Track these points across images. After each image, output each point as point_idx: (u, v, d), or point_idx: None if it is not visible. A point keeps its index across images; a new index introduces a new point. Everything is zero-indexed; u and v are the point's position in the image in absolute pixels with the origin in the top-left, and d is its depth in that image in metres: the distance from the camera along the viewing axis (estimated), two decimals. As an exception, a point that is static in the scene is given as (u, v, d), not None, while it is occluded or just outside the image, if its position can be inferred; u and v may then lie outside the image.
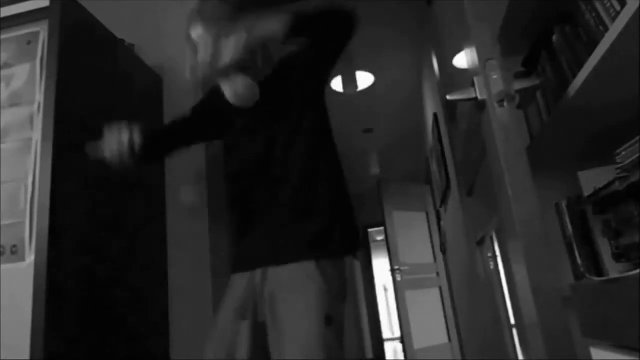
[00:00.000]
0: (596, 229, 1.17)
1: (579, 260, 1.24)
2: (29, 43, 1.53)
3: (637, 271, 0.80)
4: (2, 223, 1.38)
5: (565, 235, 1.31)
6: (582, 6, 1.01)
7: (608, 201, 1.05)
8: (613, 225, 1.06)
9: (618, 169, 0.96)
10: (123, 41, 1.95)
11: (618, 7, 0.86)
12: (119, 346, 1.55)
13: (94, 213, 1.54)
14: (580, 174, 1.19)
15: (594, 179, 1.14)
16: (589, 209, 1.19)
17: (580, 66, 0.99)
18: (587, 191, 1.16)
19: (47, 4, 1.53)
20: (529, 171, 1.05)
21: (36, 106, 1.46)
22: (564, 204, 1.31)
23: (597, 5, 0.94)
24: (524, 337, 1.86)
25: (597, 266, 1.17)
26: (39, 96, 1.47)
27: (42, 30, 1.53)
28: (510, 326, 2.32)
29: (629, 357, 0.85)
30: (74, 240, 1.42)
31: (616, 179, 0.98)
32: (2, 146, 1.45)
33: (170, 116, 2.05)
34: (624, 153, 0.94)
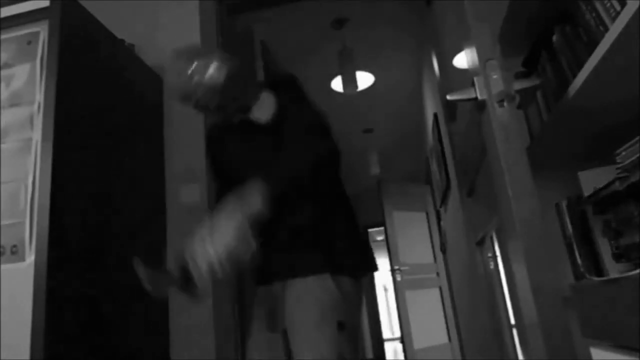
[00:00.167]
0: (596, 229, 1.17)
1: (579, 260, 1.24)
2: (29, 43, 1.53)
3: (637, 271, 0.80)
4: (2, 223, 1.38)
5: (565, 235, 1.31)
6: (582, 6, 1.01)
7: (608, 201, 1.05)
8: (613, 225, 1.06)
9: (618, 169, 0.96)
10: (123, 41, 1.95)
11: (618, 7, 0.86)
12: (118, 346, 1.55)
13: (94, 213, 1.54)
14: (580, 174, 1.19)
15: (594, 179, 1.14)
16: (589, 209, 1.19)
17: (580, 66, 0.99)
18: (587, 191, 1.16)
19: (47, 4, 1.53)
20: (529, 171, 1.05)
21: (36, 106, 1.46)
22: (564, 204, 1.31)
23: (597, 5, 0.94)
24: (524, 337, 1.86)
25: (597, 266, 1.17)
26: (39, 96, 1.46)
27: (42, 30, 1.53)
28: (510, 326, 2.32)
29: (629, 357, 0.85)
30: (74, 240, 1.42)
31: (616, 179, 0.98)
32: (2, 146, 1.45)
33: (170, 116, 2.06)
34: (624, 153, 0.94)
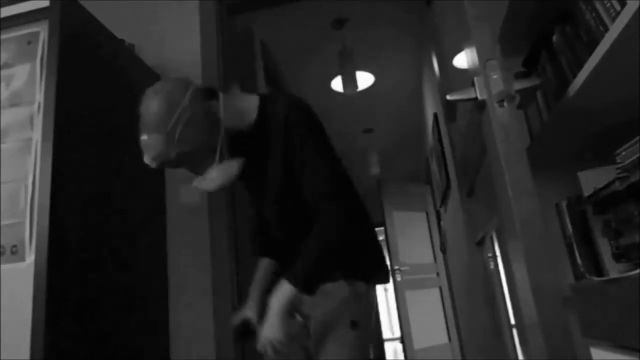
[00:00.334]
0: (596, 229, 1.17)
1: (579, 260, 1.24)
2: (29, 43, 1.53)
3: (637, 271, 0.80)
4: (2, 223, 1.38)
5: (565, 235, 1.31)
6: (582, 6, 1.01)
7: (608, 201, 1.05)
8: (613, 225, 1.06)
9: (618, 169, 0.96)
10: (123, 41, 1.95)
11: (618, 7, 0.86)
12: (118, 346, 1.55)
13: (94, 213, 1.54)
14: (580, 174, 1.19)
15: (594, 179, 1.14)
16: (589, 209, 1.19)
17: (580, 66, 0.99)
18: (587, 191, 1.16)
19: (47, 4, 1.53)
20: (529, 171, 1.05)
21: (36, 106, 1.46)
22: (564, 204, 1.31)
23: (597, 5, 0.94)
24: (524, 337, 1.86)
25: (597, 266, 1.17)
26: (39, 96, 1.46)
27: (42, 30, 1.53)
28: (510, 326, 2.32)
29: (629, 357, 0.85)
30: (74, 240, 1.42)
31: (616, 179, 0.98)
32: (2, 146, 1.45)
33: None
34: (624, 153, 0.94)
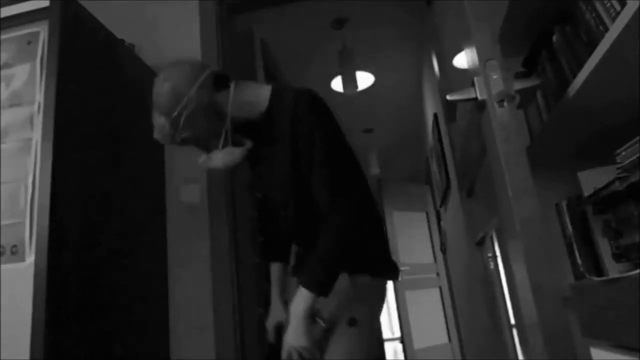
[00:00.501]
0: (596, 229, 1.17)
1: (579, 260, 1.24)
2: (29, 43, 1.53)
3: (637, 271, 0.80)
4: (2, 223, 1.38)
5: (565, 235, 1.32)
6: (582, 6, 1.01)
7: (608, 201, 1.05)
8: (613, 225, 1.06)
9: (618, 169, 0.96)
10: (123, 41, 1.95)
11: (618, 7, 0.86)
12: (118, 346, 1.55)
13: (94, 213, 1.54)
14: (580, 174, 1.19)
15: (594, 179, 1.14)
16: (589, 209, 1.19)
17: (580, 66, 0.99)
18: (587, 191, 1.16)
19: (47, 4, 1.52)
20: (529, 171, 1.05)
21: (36, 106, 1.46)
22: (564, 204, 1.31)
23: (597, 5, 0.94)
24: (524, 337, 1.86)
25: (597, 266, 1.17)
26: (39, 96, 1.46)
27: (42, 30, 1.53)
28: (510, 326, 2.32)
29: (629, 357, 0.85)
30: (74, 240, 1.42)
31: (616, 179, 0.97)
32: (2, 146, 1.45)
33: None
34: (624, 153, 0.94)
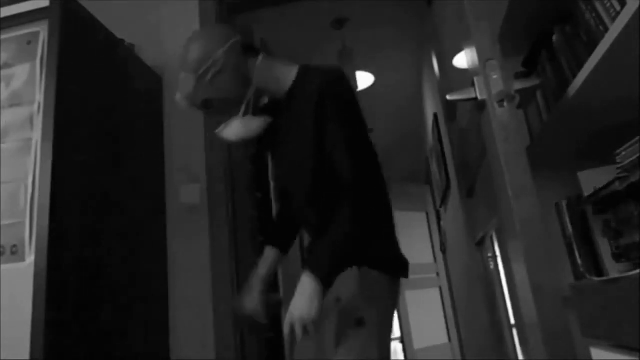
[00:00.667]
0: (596, 229, 1.17)
1: (579, 260, 1.24)
2: (29, 43, 1.53)
3: (637, 271, 0.80)
4: (2, 223, 1.38)
5: (565, 235, 1.31)
6: (582, 6, 1.01)
7: (608, 201, 1.05)
8: (613, 225, 1.06)
9: (618, 169, 0.96)
10: (123, 41, 1.95)
11: (618, 7, 0.86)
12: (118, 346, 1.55)
13: (94, 213, 1.54)
14: (580, 174, 1.19)
15: (594, 179, 1.14)
16: (589, 209, 1.19)
17: (580, 66, 0.99)
18: (587, 191, 1.16)
19: (47, 4, 1.53)
20: (529, 171, 1.05)
21: (36, 106, 1.46)
22: (564, 204, 1.31)
23: (597, 5, 0.94)
24: (524, 337, 1.86)
25: (597, 266, 1.17)
26: (39, 96, 1.46)
27: (42, 30, 1.53)
28: (510, 326, 2.32)
29: (629, 357, 0.85)
30: (74, 240, 1.42)
31: (616, 179, 0.97)
32: (2, 146, 1.45)
33: (170, 116, 2.06)
34: (624, 153, 0.94)
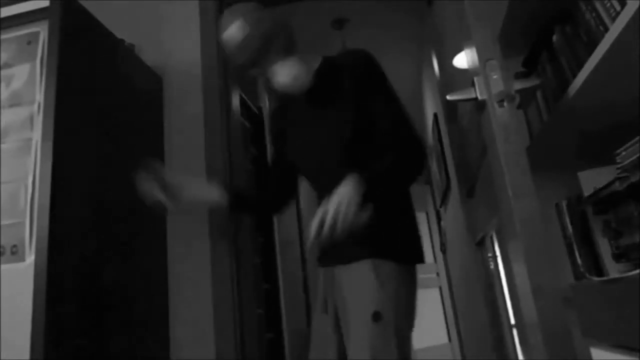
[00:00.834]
0: (596, 229, 1.17)
1: (579, 260, 1.25)
2: (29, 43, 1.53)
3: (637, 271, 0.80)
4: (2, 223, 1.38)
5: (565, 235, 1.32)
6: (582, 6, 1.01)
7: (608, 201, 1.06)
8: (613, 225, 1.06)
9: (618, 169, 0.96)
10: (123, 41, 1.95)
11: (618, 7, 0.86)
12: (118, 346, 1.55)
13: (94, 213, 1.54)
14: (580, 174, 1.19)
15: (594, 179, 1.14)
16: (589, 209, 1.19)
17: (580, 66, 0.99)
18: (587, 191, 1.16)
19: (47, 4, 1.52)
20: (529, 171, 1.05)
21: (36, 106, 1.46)
22: (564, 204, 1.31)
23: (597, 5, 0.94)
24: (524, 337, 1.86)
25: (597, 266, 1.17)
26: (39, 96, 1.46)
27: (42, 30, 1.53)
28: (510, 326, 2.32)
29: (629, 357, 0.85)
30: (74, 240, 1.42)
31: (616, 179, 0.98)
32: (2, 146, 1.45)
33: (170, 116, 2.06)
34: (624, 153, 0.94)
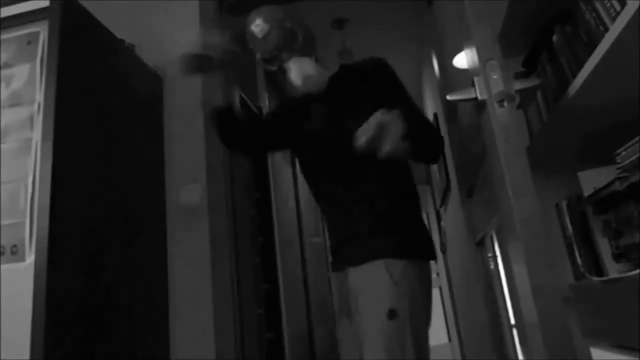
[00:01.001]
0: (596, 229, 1.17)
1: (579, 260, 1.25)
2: (29, 43, 1.53)
3: (637, 271, 0.80)
4: (2, 223, 1.38)
5: (565, 235, 1.32)
6: (582, 6, 1.01)
7: (608, 201, 1.06)
8: (613, 225, 1.06)
9: (618, 169, 0.96)
10: (123, 41, 1.95)
11: (618, 7, 0.86)
12: (118, 346, 1.55)
13: (94, 213, 1.54)
14: (580, 174, 1.19)
15: (594, 179, 1.14)
16: (589, 209, 1.19)
17: (580, 66, 0.99)
18: (587, 191, 1.16)
19: (47, 4, 1.52)
20: (529, 171, 1.05)
21: (36, 106, 1.46)
22: (564, 204, 1.31)
23: (597, 5, 0.94)
24: (524, 337, 1.86)
25: (597, 266, 1.17)
26: (39, 96, 1.46)
27: (42, 30, 1.53)
28: (510, 326, 2.32)
29: (629, 357, 0.85)
30: (74, 240, 1.42)
31: (616, 179, 0.98)
32: (2, 146, 1.45)
33: (170, 116, 2.06)
34: (624, 153, 0.94)
